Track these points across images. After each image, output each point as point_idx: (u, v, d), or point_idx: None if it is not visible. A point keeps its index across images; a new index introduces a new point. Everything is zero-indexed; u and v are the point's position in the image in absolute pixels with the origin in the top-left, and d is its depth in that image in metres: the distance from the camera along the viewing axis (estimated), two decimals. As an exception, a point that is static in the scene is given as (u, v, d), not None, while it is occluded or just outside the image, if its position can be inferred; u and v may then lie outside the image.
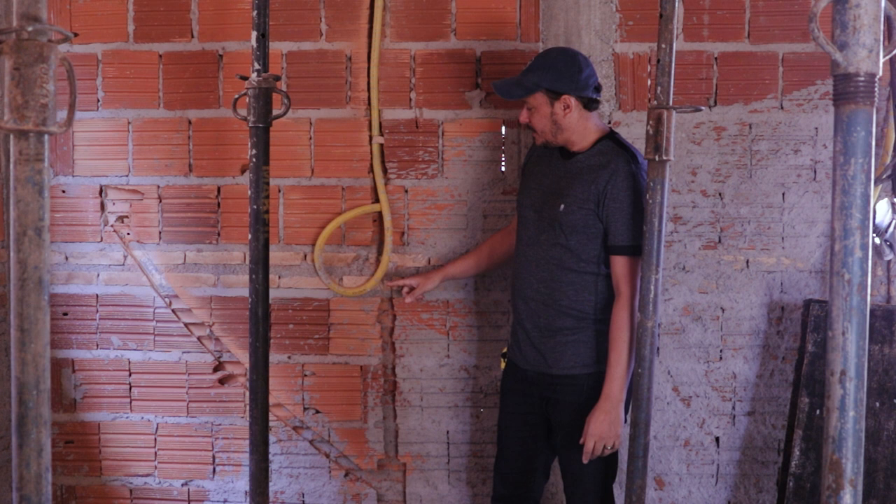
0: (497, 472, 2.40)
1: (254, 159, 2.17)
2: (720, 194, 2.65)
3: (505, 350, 2.44)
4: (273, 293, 2.56)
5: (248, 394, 2.41)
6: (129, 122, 2.69)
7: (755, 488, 2.70)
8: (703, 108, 2.08)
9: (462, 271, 2.56)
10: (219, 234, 2.70)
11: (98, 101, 2.68)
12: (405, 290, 2.56)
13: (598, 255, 2.17)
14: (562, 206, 2.17)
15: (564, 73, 2.15)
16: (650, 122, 1.98)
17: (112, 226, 2.71)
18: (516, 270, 2.32)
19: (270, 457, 2.63)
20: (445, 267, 2.56)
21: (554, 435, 2.29)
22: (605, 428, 2.10)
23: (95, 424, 2.76)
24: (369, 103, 2.64)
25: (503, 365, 2.43)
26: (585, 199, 2.15)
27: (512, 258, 2.41)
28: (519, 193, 2.40)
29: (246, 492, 2.72)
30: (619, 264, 2.15)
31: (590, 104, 2.19)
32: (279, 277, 2.68)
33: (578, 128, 2.20)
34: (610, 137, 2.22)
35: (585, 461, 2.14)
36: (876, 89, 1.13)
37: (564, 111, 2.17)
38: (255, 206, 2.18)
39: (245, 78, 2.20)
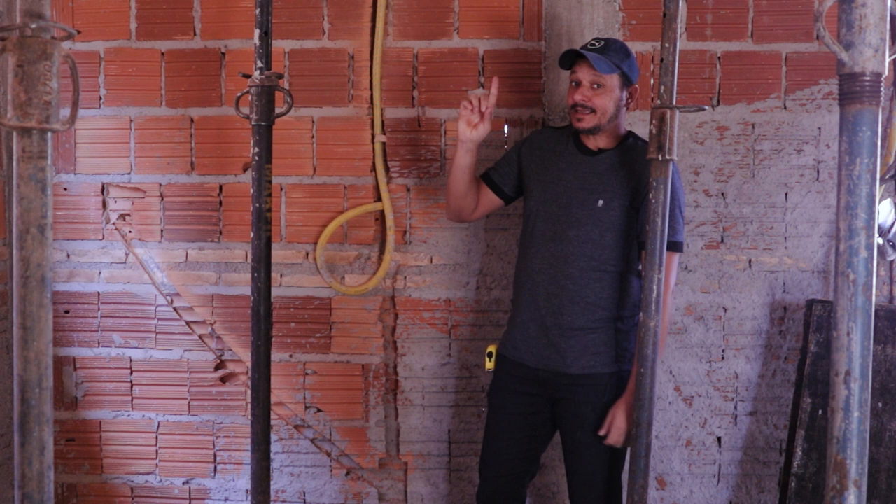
0: (486, 471, 2.33)
1: (256, 157, 2.17)
2: (723, 194, 2.64)
3: (491, 350, 2.34)
4: (275, 291, 2.55)
5: (249, 392, 2.41)
6: (131, 120, 2.69)
7: (757, 488, 2.70)
8: (706, 107, 2.07)
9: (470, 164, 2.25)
10: (220, 233, 2.70)
11: (100, 98, 2.68)
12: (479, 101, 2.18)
13: (629, 254, 2.16)
14: (600, 202, 2.14)
15: (635, 65, 2.18)
16: (653, 122, 1.97)
17: (114, 224, 2.71)
18: (533, 266, 2.22)
19: (272, 455, 2.63)
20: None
21: (565, 435, 2.24)
22: (630, 423, 2.10)
23: (97, 422, 2.76)
24: (372, 102, 2.64)
25: (489, 365, 2.34)
26: (625, 194, 2.13)
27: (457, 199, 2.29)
28: (527, 188, 2.29)
29: (247, 490, 2.72)
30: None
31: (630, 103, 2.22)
32: (281, 276, 2.68)
33: (622, 121, 2.21)
34: (633, 136, 2.23)
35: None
36: (882, 89, 1.12)
37: (628, 100, 2.19)
38: (257, 205, 2.18)
39: (248, 76, 2.20)
